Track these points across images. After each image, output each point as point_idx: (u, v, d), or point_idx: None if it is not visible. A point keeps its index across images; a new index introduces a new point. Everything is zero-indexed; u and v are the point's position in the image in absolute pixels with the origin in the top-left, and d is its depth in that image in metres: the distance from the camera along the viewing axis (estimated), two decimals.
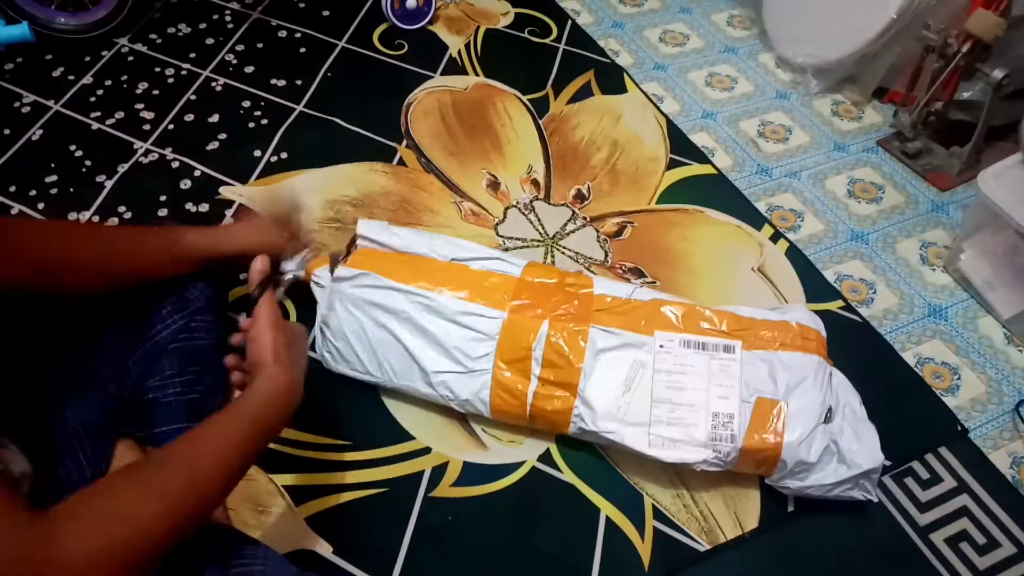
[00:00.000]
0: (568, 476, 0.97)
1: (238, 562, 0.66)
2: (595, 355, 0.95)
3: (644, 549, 0.91)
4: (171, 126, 1.39)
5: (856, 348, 1.11)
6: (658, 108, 1.50)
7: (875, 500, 0.92)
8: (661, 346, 0.96)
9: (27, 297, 0.73)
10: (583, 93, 1.52)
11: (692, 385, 0.93)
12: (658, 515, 0.94)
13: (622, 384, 0.94)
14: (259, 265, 0.81)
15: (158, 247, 0.83)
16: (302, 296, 1.04)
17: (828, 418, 0.92)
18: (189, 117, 1.41)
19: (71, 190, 1.27)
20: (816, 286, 1.21)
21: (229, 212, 1.24)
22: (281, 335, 0.73)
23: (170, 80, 1.48)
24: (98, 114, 1.40)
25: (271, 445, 0.95)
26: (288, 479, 0.93)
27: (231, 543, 0.69)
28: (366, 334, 0.96)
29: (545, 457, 0.98)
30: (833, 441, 0.90)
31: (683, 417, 0.92)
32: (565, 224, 1.27)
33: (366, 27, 1.63)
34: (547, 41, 1.64)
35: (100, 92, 1.44)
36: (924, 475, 1.00)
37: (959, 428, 1.05)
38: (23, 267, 0.70)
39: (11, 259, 0.69)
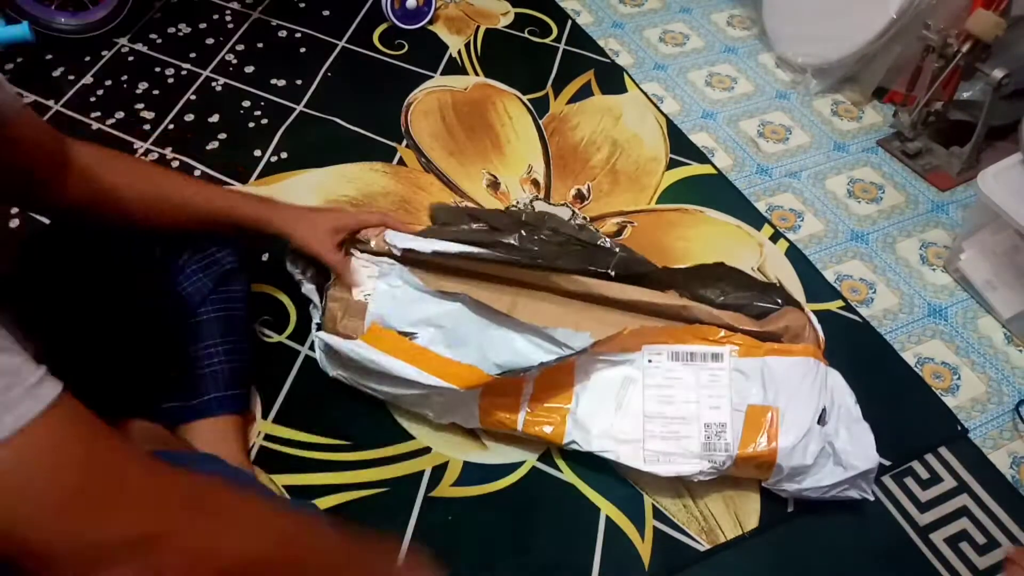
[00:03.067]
0: (568, 476, 0.97)
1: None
2: (587, 374, 0.95)
3: (644, 549, 0.91)
4: (171, 126, 1.39)
5: (856, 348, 1.11)
6: (658, 108, 1.50)
7: (871, 499, 0.92)
8: (649, 360, 0.96)
9: (87, 222, 0.83)
10: (583, 93, 1.52)
11: (683, 398, 0.93)
12: (658, 515, 0.94)
13: (613, 401, 0.94)
14: None
15: (217, 207, 0.89)
16: (301, 297, 1.04)
17: (822, 419, 0.92)
18: (189, 117, 1.41)
19: None
20: (816, 286, 1.21)
21: None
22: None
23: (170, 80, 1.48)
24: (98, 114, 1.40)
25: (270, 445, 0.96)
26: (288, 479, 0.94)
27: None
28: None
29: (545, 457, 0.98)
30: (828, 443, 0.90)
31: (676, 431, 0.92)
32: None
33: (366, 27, 1.63)
34: (547, 41, 1.64)
35: (100, 92, 1.44)
36: (924, 475, 1.00)
37: (959, 428, 1.05)
38: (81, 189, 0.77)
39: (72, 181, 0.77)
